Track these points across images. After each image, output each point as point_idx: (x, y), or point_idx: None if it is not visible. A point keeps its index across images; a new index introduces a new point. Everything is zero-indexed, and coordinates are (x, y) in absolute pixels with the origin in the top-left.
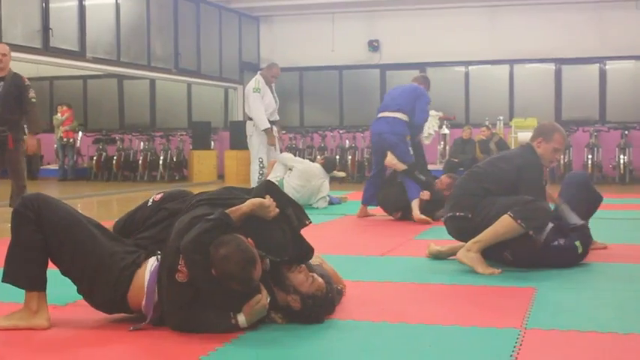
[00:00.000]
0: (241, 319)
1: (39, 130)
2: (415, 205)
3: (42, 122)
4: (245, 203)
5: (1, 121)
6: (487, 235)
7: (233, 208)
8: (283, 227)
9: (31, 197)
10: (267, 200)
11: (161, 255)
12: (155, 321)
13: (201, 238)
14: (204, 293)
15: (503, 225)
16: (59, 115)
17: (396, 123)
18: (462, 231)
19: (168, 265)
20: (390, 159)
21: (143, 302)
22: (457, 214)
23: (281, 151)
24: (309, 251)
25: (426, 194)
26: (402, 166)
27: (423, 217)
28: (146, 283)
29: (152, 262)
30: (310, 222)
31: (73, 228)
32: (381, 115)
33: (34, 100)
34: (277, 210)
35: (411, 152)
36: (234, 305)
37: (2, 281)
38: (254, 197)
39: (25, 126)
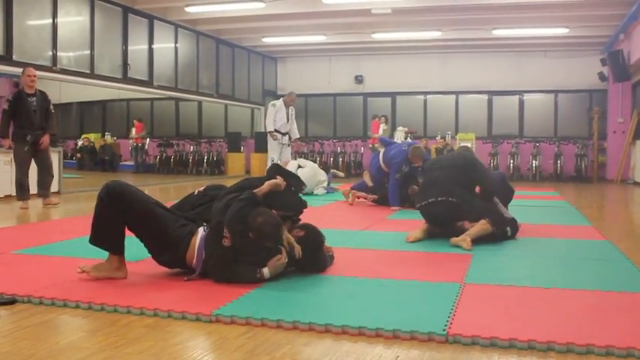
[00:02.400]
0: (265, 271)
1: (54, 132)
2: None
3: (56, 128)
4: (264, 185)
5: (38, 127)
6: (473, 231)
7: (257, 190)
8: (292, 191)
9: (113, 184)
10: (278, 179)
11: (209, 227)
12: (202, 274)
13: (240, 212)
14: (241, 253)
15: (483, 226)
16: (133, 129)
17: (379, 169)
18: (447, 211)
19: (216, 234)
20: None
21: (194, 260)
22: (449, 199)
23: (292, 155)
24: (304, 205)
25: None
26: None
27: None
28: (197, 246)
29: (201, 232)
30: (305, 186)
31: (144, 206)
32: (380, 154)
33: (52, 111)
34: (285, 183)
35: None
36: (261, 262)
37: (89, 242)
38: (268, 179)
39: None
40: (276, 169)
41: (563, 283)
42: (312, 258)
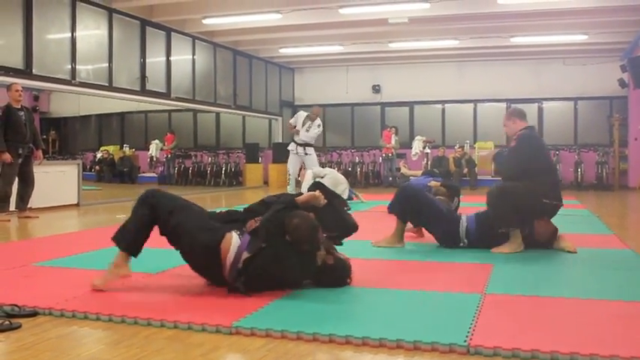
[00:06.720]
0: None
1: (44, 147)
2: None
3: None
4: (303, 195)
5: (29, 141)
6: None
7: (296, 198)
8: (334, 214)
9: (152, 190)
10: (318, 193)
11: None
12: (238, 285)
13: (277, 215)
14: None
15: None
16: (155, 143)
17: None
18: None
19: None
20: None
21: (229, 254)
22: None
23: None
24: (353, 227)
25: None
26: None
27: None
28: (233, 242)
29: (236, 235)
30: (350, 208)
31: (182, 204)
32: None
33: (36, 127)
34: (325, 201)
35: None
36: (294, 267)
37: (112, 239)
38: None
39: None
40: (318, 186)
41: (586, 293)
42: (333, 285)
